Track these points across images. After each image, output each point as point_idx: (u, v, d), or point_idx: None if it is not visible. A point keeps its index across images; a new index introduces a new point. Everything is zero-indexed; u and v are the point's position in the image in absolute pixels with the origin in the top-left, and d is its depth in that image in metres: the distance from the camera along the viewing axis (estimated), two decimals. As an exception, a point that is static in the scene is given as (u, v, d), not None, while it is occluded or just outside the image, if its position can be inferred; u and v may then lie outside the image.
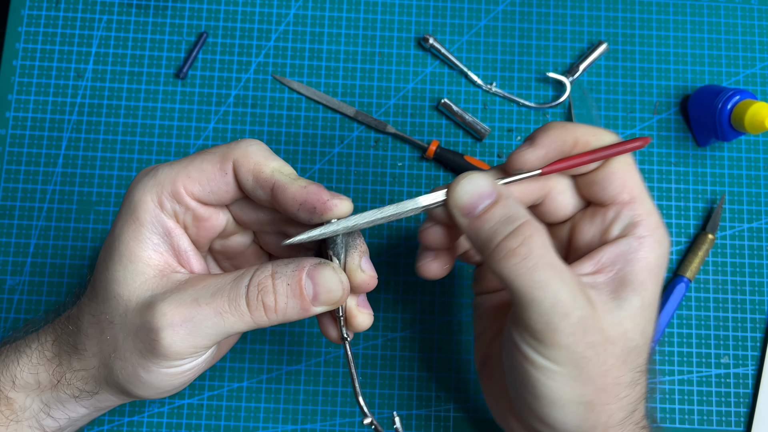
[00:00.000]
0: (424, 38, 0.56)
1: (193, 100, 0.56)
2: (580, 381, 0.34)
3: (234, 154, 0.35)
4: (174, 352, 0.34)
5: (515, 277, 0.33)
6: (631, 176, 0.37)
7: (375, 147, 0.56)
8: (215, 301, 0.34)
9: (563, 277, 0.33)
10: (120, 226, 0.36)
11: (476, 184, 0.35)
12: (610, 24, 0.58)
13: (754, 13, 0.58)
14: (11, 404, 0.38)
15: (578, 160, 0.37)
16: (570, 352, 0.33)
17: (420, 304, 0.54)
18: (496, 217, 0.34)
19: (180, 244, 0.37)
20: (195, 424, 0.51)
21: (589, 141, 0.37)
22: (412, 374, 0.53)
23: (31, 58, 0.56)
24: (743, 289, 0.54)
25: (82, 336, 0.37)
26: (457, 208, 0.36)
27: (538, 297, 0.33)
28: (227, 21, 0.57)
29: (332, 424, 0.52)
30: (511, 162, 0.37)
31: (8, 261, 0.53)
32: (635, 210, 0.37)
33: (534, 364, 0.34)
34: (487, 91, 0.56)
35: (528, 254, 0.33)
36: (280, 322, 0.35)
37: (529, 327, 0.34)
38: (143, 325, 0.34)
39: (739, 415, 0.52)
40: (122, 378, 0.36)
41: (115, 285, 0.35)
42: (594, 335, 0.34)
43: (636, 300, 0.35)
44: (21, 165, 0.55)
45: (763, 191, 0.56)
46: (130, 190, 0.36)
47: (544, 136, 0.37)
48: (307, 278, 0.35)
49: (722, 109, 0.52)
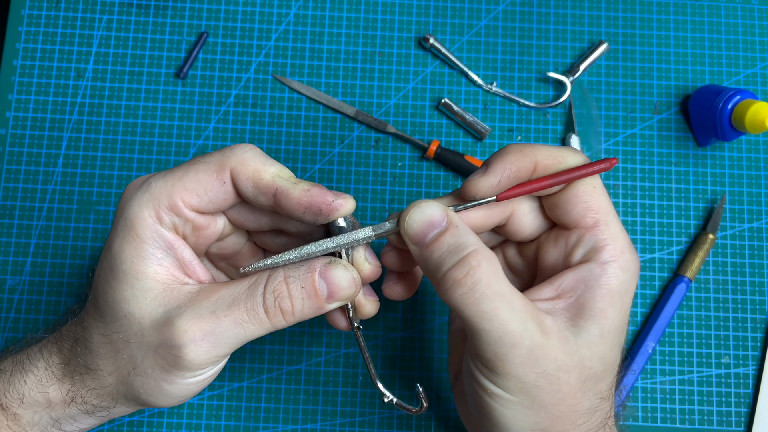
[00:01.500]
0: (425, 38, 0.56)
1: (194, 100, 0.56)
2: (533, 409, 0.34)
3: (230, 162, 0.35)
4: (197, 364, 0.35)
5: (463, 308, 0.33)
6: (596, 199, 0.36)
7: (375, 147, 0.56)
8: (233, 313, 0.34)
9: (513, 305, 0.33)
10: (119, 245, 0.35)
11: (426, 213, 0.35)
12: (610, 24, 0.58)
13: (755, 13, 0.58)
14: (18, 420, 0.38)
15: (535, 185, 0.36)
16: (521, 381, 0.33)
17: (420, 304, 0.54)
18: (444, 247, 0.34)
19: (184, 255, 0.36)
20: (195, 424, 0.51)
21: (549, 165, 0.36)
22: (412, 374, 0.53)
23: (32, 58, 0.56)
24: (743, 289, 0.54)
25: (94, 356, 0.37)
26: (407, 237, 0.36)
27: (486, 328, 0.33)
28: (227, 21, 0.57)
29: (332, 424, 0.52)
30: (465, 190, 0.36)
31: (8, 261, 0.53)
32: (599, 235, 0.36)
33: (487, 392, 0.34)
34: (487, 90, 0.56)
35: (474, 285, 0.33)
36: (297, 322, 0.36)
37: (480, 356, 0.34)
38: (164, 343, 0.34)
39: (740, 415, 0.52)
40: (143, 393, 0.36)
41: (125, 304, 0.35)
42: (546, 364, 0.33)
43: (594, 328, 0.34)
44: (21, 165, 0.55)
45: (763, 191, 0.56)
46: (123, 206, 0.36)
47: (498, 162, 0.36)
48: (320, 279, 0.35)
49: (723, 109, 0.52)
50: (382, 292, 0.41)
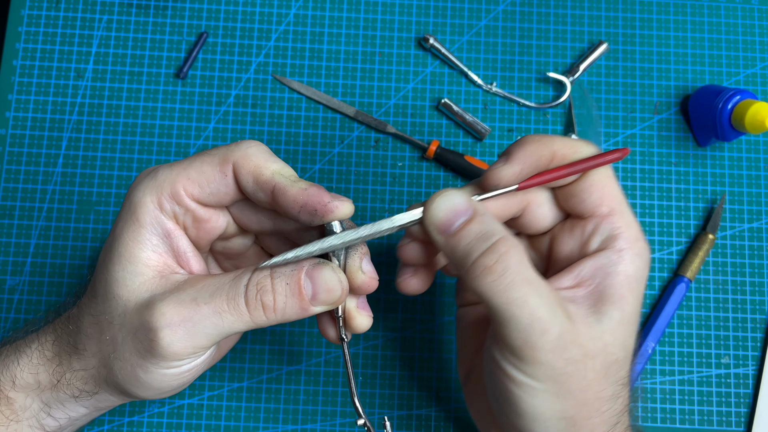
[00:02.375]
0: (425, 38, 0.56)
1: (193, 100, 0.56)
2: (561, 397, 0.34)
3: (234, 156, 0.35)
4: (172, 352, 0.34)
5: (492, 295, 0.33)
6: (610, 189, 0.37)
7: (375, 147, 0.56)
8: (214, 301, 0.34)
9: (541, 292, 0.33)
10: (120, 227, 0.36)
11: (452, 201, 0.35)
12: (610, 24, 0.58)
13: (755, 12, 0.58)
14: (11, 404, 0.38)
15: (555, 174, 0.37)
16: (550, 368, 0.33)
17: (420, 304, 0.54)
18: (471, 234, 0.34)
19: (179, 245, 0.37)
20: (195, 424, 0.51)
21: (566, 154, 0.37)
22: (413, 374, 0.53)
23: (31, 58, 0.56)
24: (743, 289, 0.54)
25: (82, 336, 0.37)
26: (433, 226, 0.35)
27: (515, 314, 0.33)
28: (227, 21, 0.57)
29: (332, 424, 0.52)
30: (487, 179, 0.37)
31: (8, 261, 0.53)
32: (614, 223, 0.37)
33: (514, 381, 0.34)
34: (487, 91, 0.56)
35: (504, 271, 0.33)
36: (279, 321, 0.35)
37: (508, 344, 0.34)
38: (142, 325, 0.34)
39: (740, 416, 0.52)
40: (121, 378, 0.36)
41: (114, 285, 0.36)
42: (574, 351, 0.33)
43: (616, 314, 0.35)
44: (21, 165, 0.55)
45: (763, 191, 0.56)
46: (131, 191, 0.36)
47: (519, 151, 0.36)
48: (306, 278, 0.35)
49: (723, 109, 0.52)
50: (396, 288, 0.40)
